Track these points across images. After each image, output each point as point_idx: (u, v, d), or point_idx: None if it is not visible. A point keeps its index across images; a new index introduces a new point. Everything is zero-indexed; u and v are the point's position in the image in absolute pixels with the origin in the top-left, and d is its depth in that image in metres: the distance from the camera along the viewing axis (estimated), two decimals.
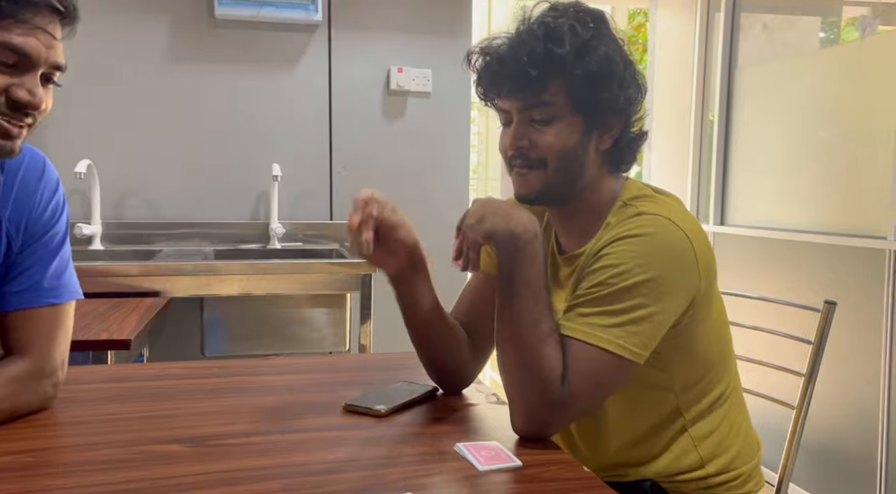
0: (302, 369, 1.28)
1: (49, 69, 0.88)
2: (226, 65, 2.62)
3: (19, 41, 0.83)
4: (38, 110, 0.87)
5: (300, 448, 0.87)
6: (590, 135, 1.01)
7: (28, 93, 0.84)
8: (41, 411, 0.98)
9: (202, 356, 2.36)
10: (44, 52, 0.85)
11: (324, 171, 2.75)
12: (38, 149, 2.69)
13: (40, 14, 0.84)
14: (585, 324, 0.93)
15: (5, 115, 0.84)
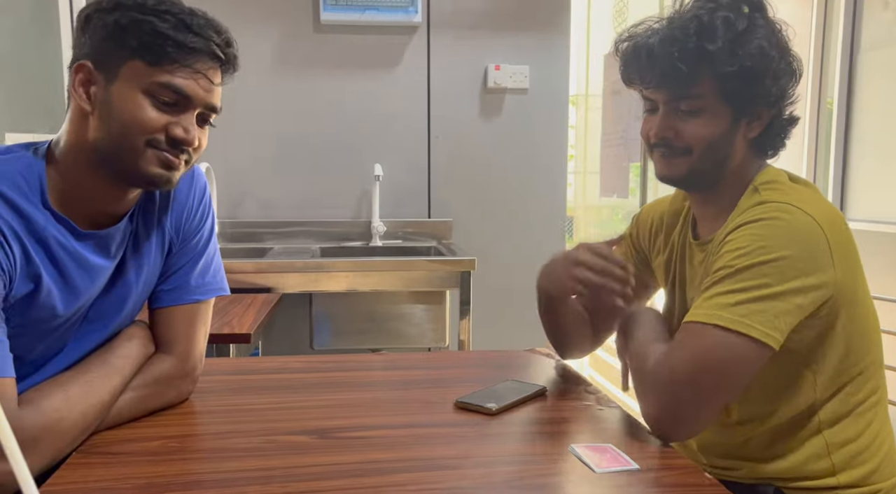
0: (410, 364, 1.32)
1: (205, 110, 0.95)
2: (330, 68, 2.72)
3: (181, 83, 0.90)
4: (192, 147, 0.94)
5: (418, 443, 0.91)
6: (738, 124, 1.01)
7: (184, 130, 0.91)
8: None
9: (311, 349, 2.46)
10: (201, 95, 0.92)
11: (422, 170, 2.81)
12: None
13: (202, 60, 0.91)
14: (705, 308, 0.92)
15: (162, 150, 0.92)
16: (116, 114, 0.89)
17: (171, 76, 0.89)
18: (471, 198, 2.83)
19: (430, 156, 2.80)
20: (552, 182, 2.87)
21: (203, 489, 0.78)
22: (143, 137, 0.90)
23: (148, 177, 0.92)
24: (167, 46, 0.88)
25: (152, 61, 0.88)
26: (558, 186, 2.88)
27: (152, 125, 0.89)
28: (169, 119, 0.91)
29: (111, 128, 0.89)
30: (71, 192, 0.92)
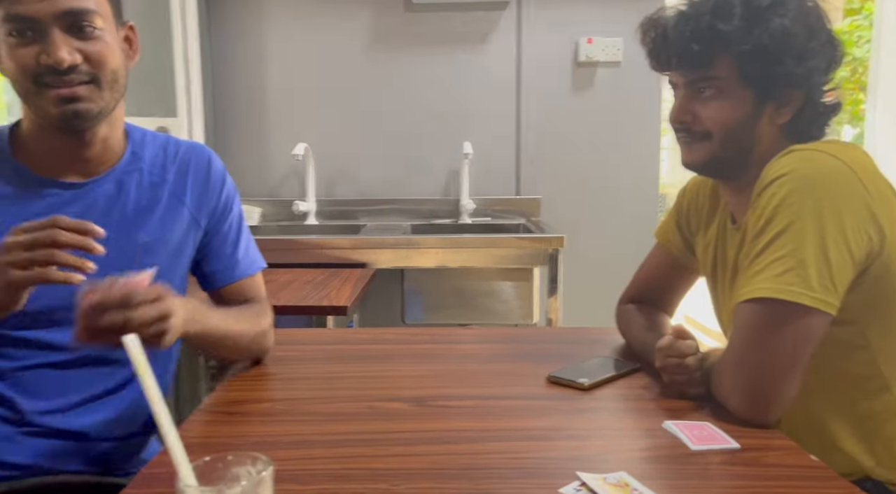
0: (501, 339, 1.34)
1: (71, 19, 0.86)
2: (421, 47, 2.75)
3: (19, 10, 0.84)
4: (73, 68, 0.85)
5: (510, 414, 0.93)
6: (762, 108, 0.97)
7: (48, 55, 0.84)
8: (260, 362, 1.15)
9: (402, 323, 2.54)
10: (41, 8, 0.84)
11: (511, 148, 2.80)
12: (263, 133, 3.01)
13: None
14: (750, 285, 0.89)
15: (52, 85, 0.87)
16: (5, 68, 0.89)
17: (10, 7, 0.84)
18: (560, 175, 2.80)
19: (520, 134, 2.79)
20: (645, 158, 2.80)
21: (310, 448, 0.84)
22: (29, 81, 0.87)
23: (52, 119, 0.89)
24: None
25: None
26: (651, 162, 2.81)
27: (25, 65, 0.86)
28: (36, 50, 0.85)
29: (12, 84, 0.90)
30: (34, 147, 0.94)
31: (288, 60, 2.75)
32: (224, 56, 2.73)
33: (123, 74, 0.95)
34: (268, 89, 2.75)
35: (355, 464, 0.79)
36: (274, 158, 2.76)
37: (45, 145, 0.94)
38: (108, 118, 0.95)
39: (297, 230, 2.64)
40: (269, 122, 2.76)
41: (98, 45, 0.88)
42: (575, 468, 0.75)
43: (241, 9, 2.72)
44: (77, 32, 0.87)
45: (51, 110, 0.88)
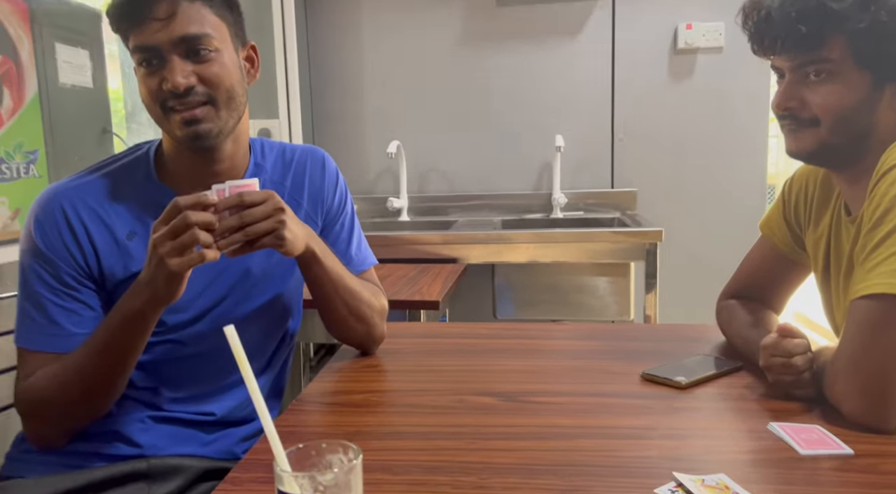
0: (594, 335, 1.31)
1: (185, 46, 0.91)
2: (512, 42, 2.73)
3: (140, 41, 0.91)
4: (191, 91, 0.91)
5: (604, 412, 0.91)
6: (880, 91, 0.89)
7: (168, 81, 0.91)
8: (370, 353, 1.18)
9: (494, 318, 2.54)
10: (161, 37, 0.90)
11: (605, 140, 2.73)
12: (359, 132, 3.08)
13: (143, 8, 0.90)
14: (867, 280, 0.82)
15: (176, 109, 0.93)
16: (140, 97, 0.97)
17: (134, 39, 0.91)
18: (657, 166, 2.71)
19: (614, 125, 2.72)
20: (751, 147, 2.65)
21: (402, 439, 0.86)
22: (157, 107, 0.94)
23: (180, 140, 0.96)
24: (119, 16, 0.91)
25: (125, 38, 0.93)
26: (758, 152, 2.66)
27: (152, 92, 0.93)
28: (159, 77, 0.92)
29: (147, 110, 0.97)
30: (173, 167, 1.02)
31: (382, 60, 2.81)
32: (321, 58, 2.82)
33: (241, 93, 0.99)
34: (363, 89, 2.82)
35: (446, 457, 0.80)
36: (369, 156, 2.83)
37: (181, 164, 1.01)
38: (231, 135, 1.01)
39: (391, 226, 2.69)
40: (364, 121, 2.83)
41: (213, 66, 0.93)
42: (671, 468, 0.73)
43: (338, 12, 2.80)
44: (194, 56, 0.92)
45: (177, 132, 0.95)
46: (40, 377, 0.94)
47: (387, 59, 2.80)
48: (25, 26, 1.49)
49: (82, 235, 0.97)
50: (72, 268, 0.96)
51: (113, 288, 0.98)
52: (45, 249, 0.95)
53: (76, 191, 0.99)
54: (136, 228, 0.99)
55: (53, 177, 1.55)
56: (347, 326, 1.12)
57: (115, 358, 0.92)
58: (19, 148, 1.50)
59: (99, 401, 0.96)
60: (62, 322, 0.95)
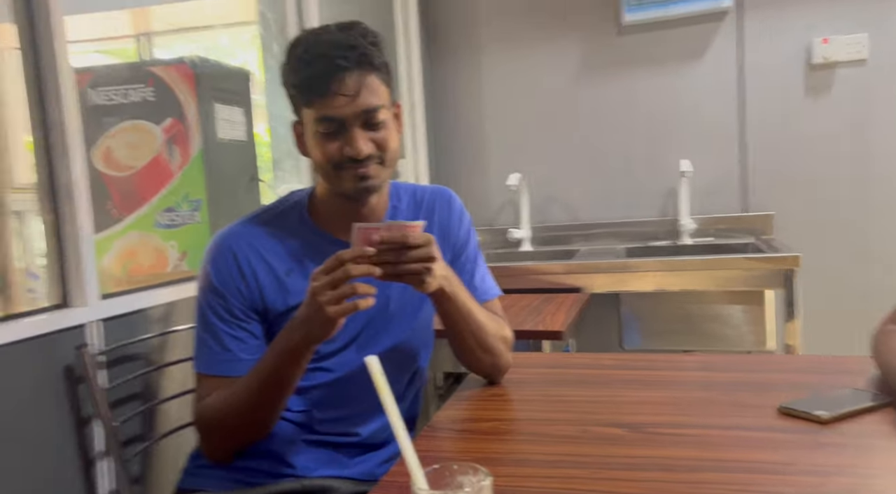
0: (726, 366, 1.27)
1: (364, 117, 1.02)
2: (633, 68, 2.73)
3: (326, 113, 1.01)
4: (366, 155, 1.03)
5: (735, 445, 0.89)
6: None
7: (350, 147, 1.02)
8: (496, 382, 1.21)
9: (620, 348, 2.50)
10: (347, 111, 1.01)
11: (735, 163, 2.64)
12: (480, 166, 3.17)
13: (331, 81, 0.99)
14: None
15: (351, 168, 1.04)
16: (312, 155, 1.08)
17: (320, 110, 1.01)
18: (794, 188, 2.57)
19: (745, 147, 2.62)
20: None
21: (529, 466, 0.88)
22: (330, 166, 1.05)
23: (347, 194, 1.07)
24: (304, 88, 1.02)
25: (307, 104, 1.03)
26: None
27: (330, 155, 1.03)
28: (339, 143, 1.03)
29: (316, 165, 1.08)
30: (325, 212, 1.13)
31: (502, 94, 2.89)
32: (443, 95, 2.96)
33: (399, 150, 1.12)
34: (484, 123, 2.92)
35: (572, 485, 0.82)
36: (490, 189, 2.91)
37: (333, 209, 1.13)
38: (382, 185, 1.13)
39: (513, 257, 2.74)
40: (485, 155, 2.92)
41: (383, 132, 1.05)
42: None
43: (459, 50, 2.93)
44: (370, 125, 1.03)
45: (346, 187, 1.06)
46: (215, 399, 1.06)
47: (506, 93, 2.88)
48: (191, 91, 1.71)
49: (249, 273, 1.09)
50: (240, 302, 1.08)
51: (273, 319, 1.09)
52: (219, 285, 1.08)
53: (243, 234, 1.12)
54: (292, 266, 1.11)
55: (213, 222, 1.74)
56: (476, 357, 1.17)
57: (275, 385, 1.02)
58: (186, 198, 1.71)
59: (263, 423, 1.07)
60: (233, 348, 1.07)
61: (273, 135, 2.28)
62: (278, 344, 1.01)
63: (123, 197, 1.74)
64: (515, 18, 2.83)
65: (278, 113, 2.29)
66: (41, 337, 1.18)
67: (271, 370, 1.01)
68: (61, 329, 1.22)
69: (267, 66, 2.26)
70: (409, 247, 0.96)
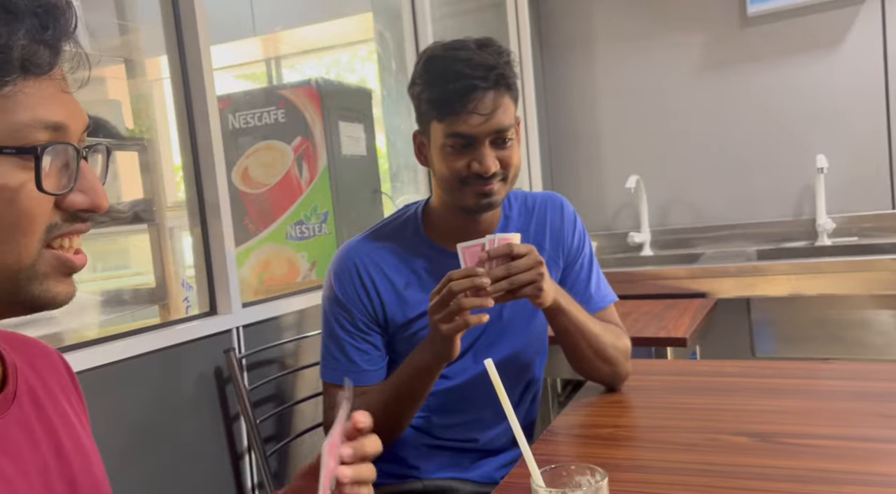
0: (866, 375, 1.18)
1: (495, 136, 1.04)
2: (757, 61, 2.59)
3: (460, 129, 1.03)
4: (493, 174, 1.04)
5: (877, 458, 0.83)
6: None
7: (479, 164, 1.04)
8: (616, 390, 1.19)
9: (751, 356, 2.36)
10: (481, 129, 1.03)
11: (880, 156, 2.43)
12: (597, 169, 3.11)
13: (468, 100, 1.02)
14: None
15: (476, 184, 1.06)
16: (436, 168, 1.09)
17: (452, 126, 1.03)
18: None
19: (892, 139, 2.41)
20: None
21: (648, 473, 0.87)
22: (455, 181, 1.06)
23: (468, 208, 1.08)
24: (439, 104, 1.03)
25: (439, 119, 1.05)
26: None
27: (456, 170, 1.05)
28: (467, 159, 1.05)
29: (439, 178, 1.10)
30: (440, 225, 1.15)
31: (618, 93, 2.84)
32: (556, 97, 2.94)
33: (520, 166, 1.14)
34: (600, 124, 2.87)
35: (694, 492, 0.80)
36: (608, 192, 2.86)
37: (449, 222, 1.16)
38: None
39: (633, 262, 2.67)
40: (602, 157, 2.87)
41: (510, 151, 1.07)
42: None
43: (572, 48, 2.90)
44: (499, 144, 1.06)
45: (469, 202, 1.08)
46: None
47: (622, 91, 2.83)
48: (317, 110, 1.83)
49: (371, 288, 1.14)
50: (364, 315, 1.14)
51: (394, 331, 1.15)
52: (343, 299, 1.14)
53: (363, 249, 1.17)
54: (410, 279, 1.15)
55: (339, 233, 1.85)
56: (594, 367, 1.16)
57: (407, 398, 1.07)
58: (314, 211, 1.83)
59: (396, 430, 1.11)
60: (357, 360, 1.13)
61: (390, 148, 2.38)
62: (412, 360, 1.05)
63: (259, 212, 1.89)
64: (631, 12, 2.77)
65: (395, 126, 2.39)
66: (195, 342, 1.32)
67: (405, 384, 1.06)
68: (211, 334, 1.35)
69: (384, 82, 2.36)
70: (514, 256, 0.98)
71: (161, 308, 1.46)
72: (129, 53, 1.52)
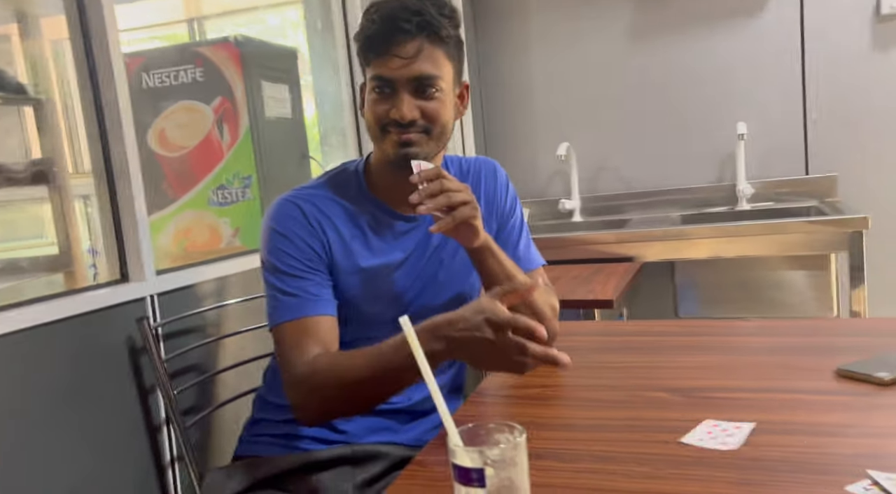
0: (784, 331, 1.23)
1: (417, 84, 1.02)
2: (682, 30, 2.63)
3: (380, 72, 1.01)
4: (412, 122, 1.02)
5: (790, 408, 0.86)
6: None
7: (396, 111, 1.02)
8: None
9: (675, 316, 2.45)
10: (400, 73, 1.01)
11: (796, 123, 2.52)
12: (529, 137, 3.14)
13: (391, 43, 1.00)
14: None
15: (395, 132, 1.04)
16: (364, 116, 1.08)
17: (375, 69, 1.02)
18: (861, 148, 2.44)
19: (806, 107, 2.50)
20: None
21: (574, 431, 0.88)
22: (376, 128, 1.05)
23: (389, 159, 1.06)
24: (365, 47, 1.02)
25: (366, 62, 1.04)
26: None
27: (377, 116, 1.04)
28: (387, 106, 1.03)
29: (367, 127, 1.08)
30: (380, 182, 1.13)
31: (550, 63, 2.83)
32: (490, 67, 2.92)
33: (451, 127, 1.11)
34: (533, 92, 2.87)
35: (618, 448, 0.81)
36: (539, 160, 2.87)
37: (387, 179, 1.13)
38: (433, 160, 1.11)
39: (564, 227, 2.70)
40: (534, 126, 2.87)
41: (434, 104, 1.04)
42: (866, 466, 0.68)
43: (506, 17, 2.88)
44: (421, 93, 1.03)
45: (390, 151, 1.06)
46: (329, 364, 0.99)
47: (554, 62, 2.83)
48: (238, 69, 1.74)
49: (319, 230, 1.10)
50: (309, 248, 1.08)
51: (341, 278, 1.10)
52: (285, 232, 1.08)
53: (306, 197, 1.13)
54: (354, 232, 1.12)
55: (265, 198, 1.78)
56: None
57: (395, 382, 0.95)
58: (237, 175, 1.75)
59: (369, 406, 1.04)
60: (311, 289, 1.06)
61: (320, 113, 2.31)
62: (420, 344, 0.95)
63: (178, 176, 1.79)
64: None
65: (324, 90, 2.31)
66: (104, 311, 1.24)
67: (397, 366, 0.90)
68: (122, 302, 1.27)
69: (312, 44, 2.27)
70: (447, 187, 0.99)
71: (65, 276, 1.37)
72: (22, 11, 1.41)
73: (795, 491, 0.66)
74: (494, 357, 0.85)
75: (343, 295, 1.10)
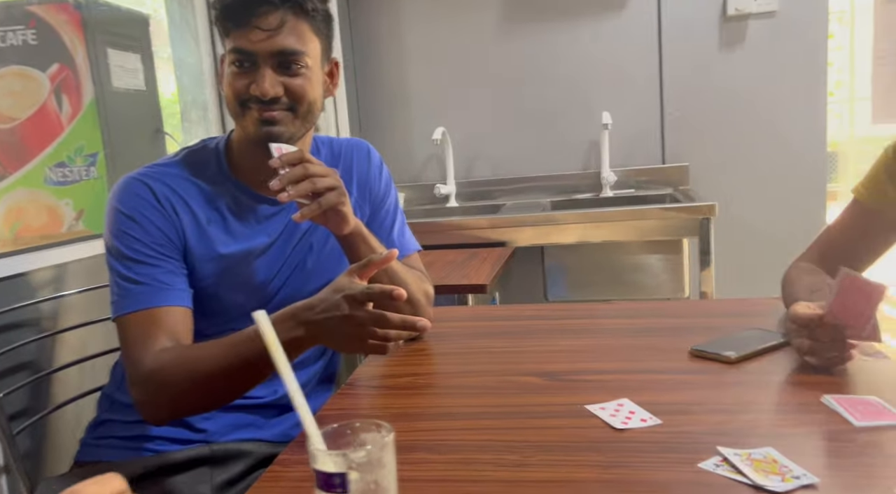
0: (642, 313, 1.29)
1: (280, 58, 0.96)
2: (552, 21, 2.69)
3: (240, 44, 0.96)
4: (275, 97, 0.96)
5: (648, 388, 0.90)
6: None
7: (257, 87, 0.96)
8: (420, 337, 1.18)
9: (545, 300, 2.52)
10: (262, 47, 0.95)
11: (655, 115, 2.67)
12: (404, 121, 3.10)
13: (253, 16, 0.94)
14: None
15: (256, 109, 0.98)
16: (224, 91, 1.02)
17: (234, 41, 0.96)
18: (710, 139, 2.63)
19: (663, 99, 2.65)
20: (809, 114, 2.54)
21: (447, 419, 0.87)
22: (236, 104, 1.00)
23: (251, 137, 1.01)
24: (224, 16, 0.96)
25: (224, 34, 0.98)
26: (817, 119, 2.55)
27: (236, 91, 0.98)
28: (248, 81, 0.97)
29: (226, 103, 1.03)
30: (242, 162, 1.07)
31: (425, 46, 2.81)
32: (365, 46, 2.85)
33: (319, 106, 1.04)
34: (408, 75, 2.83)
35: (489, 436, 0.80)
36: (415, 144, 2.84)
37: (250, 159, 1.05)
38: (299, 141, 1.05)
39: (439, 212, 2.70)
40: (409, 110, 2.84)
41: (300, 81, 0.98)
42: (716, 443, 0.71)
43: (379, 2, 2.81)
44: (285, 69, 0.97)
45: (251, 128, 0.99)
46: (177, 357, 0.91)
47: (429, 45, 2.80)
48: (79, 34, 1.55)
49: (171, 212, 1.00)
50: (158, 231, 0.99)
51: (195, 264, 1.02)
52: (132, 213, 0.98)
53: (157, 175, 1.03)
54: (211, 216, 1.04)
55: (112, 177, 1.61)
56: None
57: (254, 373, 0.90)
58: (80, 151, 1.57)
59: (224, 401, 0.96)
60: (160, 277, 0.96)
61: (179, 86, 2.14)
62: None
63: (8, 151, 1.58)
64: None
65: (184, 61, 2.14)
66: None
67: (253, 358, 0.85)
68: None
69: (170, 11, 2.10)
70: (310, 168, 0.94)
71: None
72: None
73: (657, 473, 0.68)
74: (356, 336, 0.83)
75: (200, 284, 1.02)
